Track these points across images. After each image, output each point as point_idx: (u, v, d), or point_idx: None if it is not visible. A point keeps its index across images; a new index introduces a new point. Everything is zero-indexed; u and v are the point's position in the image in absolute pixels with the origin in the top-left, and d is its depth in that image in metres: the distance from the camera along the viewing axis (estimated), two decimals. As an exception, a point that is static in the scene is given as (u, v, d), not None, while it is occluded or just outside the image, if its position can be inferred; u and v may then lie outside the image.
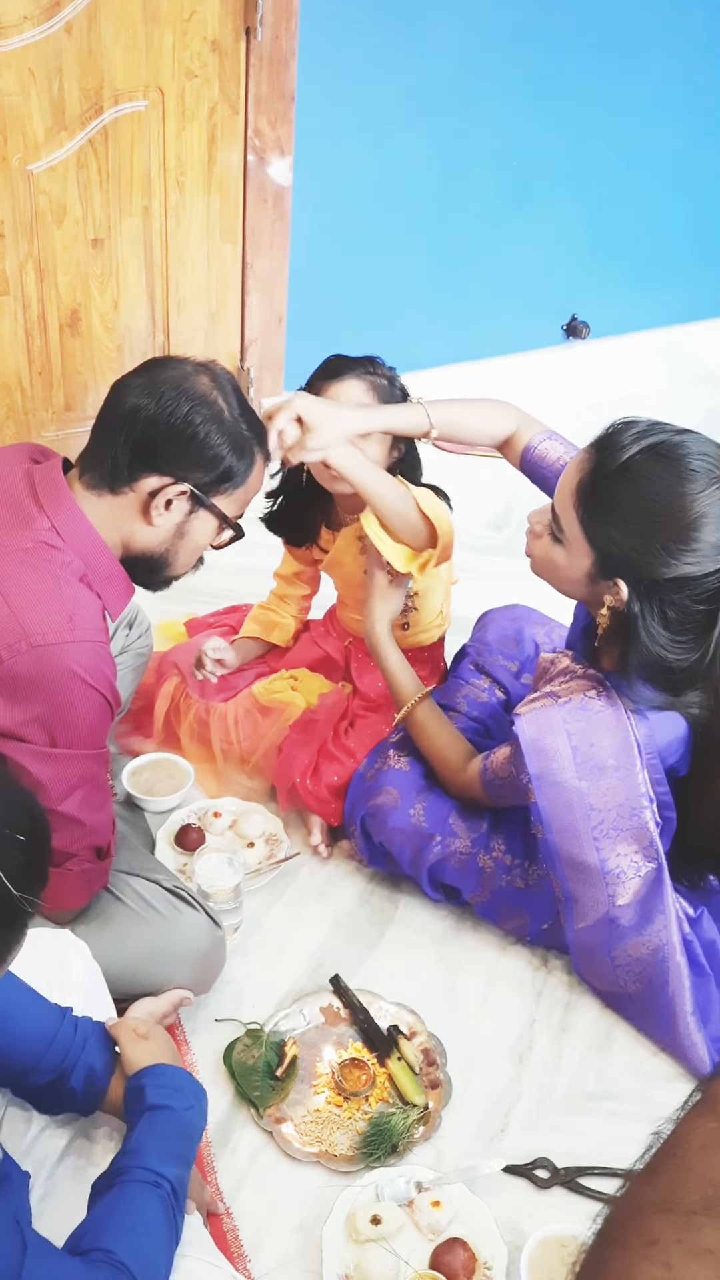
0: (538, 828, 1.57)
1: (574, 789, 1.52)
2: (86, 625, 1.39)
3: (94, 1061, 1.24)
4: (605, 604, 1.44)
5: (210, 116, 2.51)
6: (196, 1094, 1.25)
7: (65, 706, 1.37)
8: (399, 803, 1.74)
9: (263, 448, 1.52)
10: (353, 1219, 1.38)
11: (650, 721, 1.52)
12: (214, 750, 1.98)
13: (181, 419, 1.41)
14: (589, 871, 1.56)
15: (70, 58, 2.29)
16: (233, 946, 1.72)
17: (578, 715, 1.51)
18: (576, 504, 1.43)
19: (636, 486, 1.38)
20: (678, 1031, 1.59)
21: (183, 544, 1.49)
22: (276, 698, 1.99)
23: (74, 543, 1.43)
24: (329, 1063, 1.58)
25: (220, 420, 1.43)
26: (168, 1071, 1.24)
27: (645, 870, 1.55)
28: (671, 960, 1.57)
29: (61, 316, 2.54)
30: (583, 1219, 1.43)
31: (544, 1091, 1.59)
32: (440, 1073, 1.58)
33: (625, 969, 1.61)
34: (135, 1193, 1.10)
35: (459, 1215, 1.40)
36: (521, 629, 2.04)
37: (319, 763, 1.90)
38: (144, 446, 1.42)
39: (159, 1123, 1.18)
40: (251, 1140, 1.50)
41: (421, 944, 1.78)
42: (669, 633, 1.41)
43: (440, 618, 2.03)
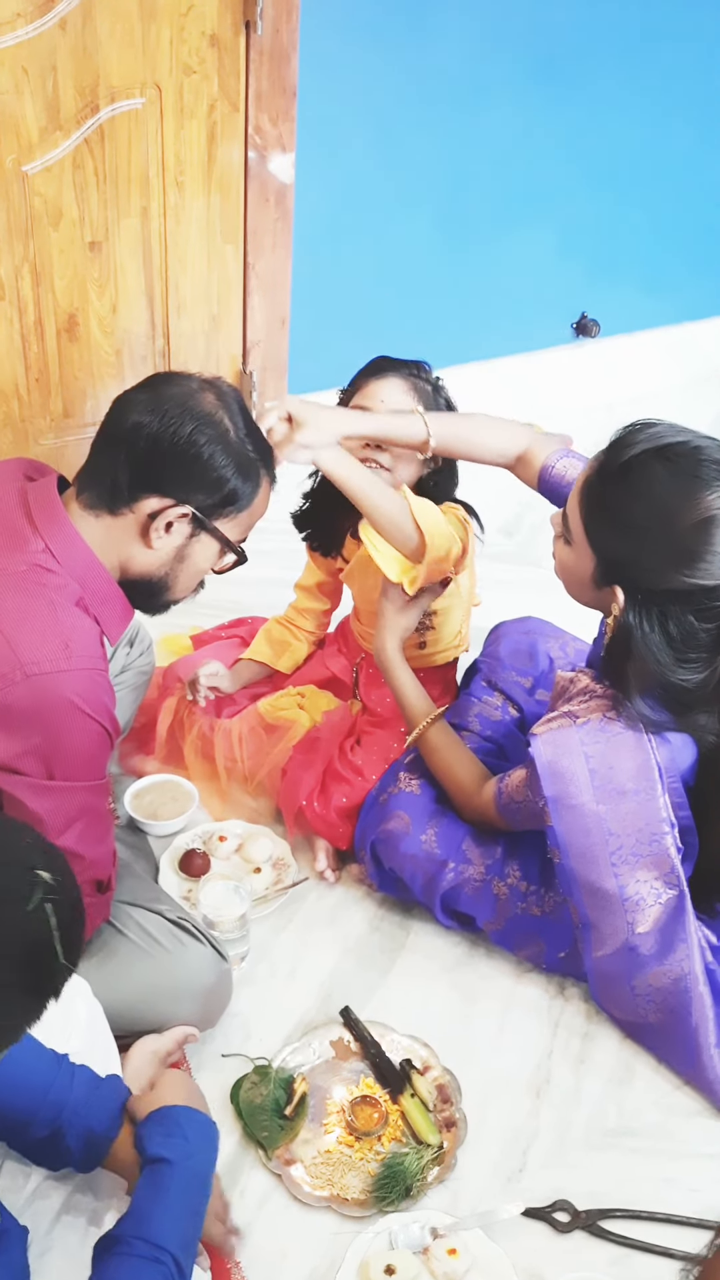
0: (554, 852, 1.51)
1: (591, 813, 1.47)
2: (83, 652, 1.33)
3: (92, 1122, 1.18)
4: (613, 613, 1.39)
5: (209, 114, 2.44)
6: (202, 1134, 1.19)
7: (62, 737, 1.32)
8: (410, 828, 1.68)
9: (269, 470, 1.46)
10: (366, 1268, 1.33)
11: (672, 744, 1.46)
12: (218, 768, 1.93)
13: (185, 438, 1.35)
14: (607, 898, 1.50)
15: (64, 55, 2.23)
16: (239, 976, 1.66)
17: (596, 737, 1.45)
18: (581, 503, 1.39)
19: (639, 488, 1.33)
20: (701, 1064, 1.53)
21: (183, 568, 1.43)
22: (282, 715, 1.94)
23: (70, 565, 1.37)
24: (340, 1101, 1.53)
25: (225, 441, 1.38)
26: (170, 1116, 1.18)
27: (666, 897, 1.50)
28: (694, 990, 1.51)
29: (59, 321, 2.48)
30: (605, 1265, 1.38)
31: (563, 1128, 1.53)
32: (455, 1110, 1.52)
33: (646, 998, 1.55)
34: (136, 1272, 1.04)
35: (476, 1263, 1.35)
36: (535, 643, 1.98)
37: (326, 783, 1.85)
38: (145, 466, 1.36)
39: (161, 1179, 1.12)
40: (260, 1183, 1.44)
41: (434, 972, 1.72)
42: (671, 650, 1.36)
43: (459, 638, 1.97)
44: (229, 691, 2.01)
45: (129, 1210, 1.11)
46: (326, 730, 1.92)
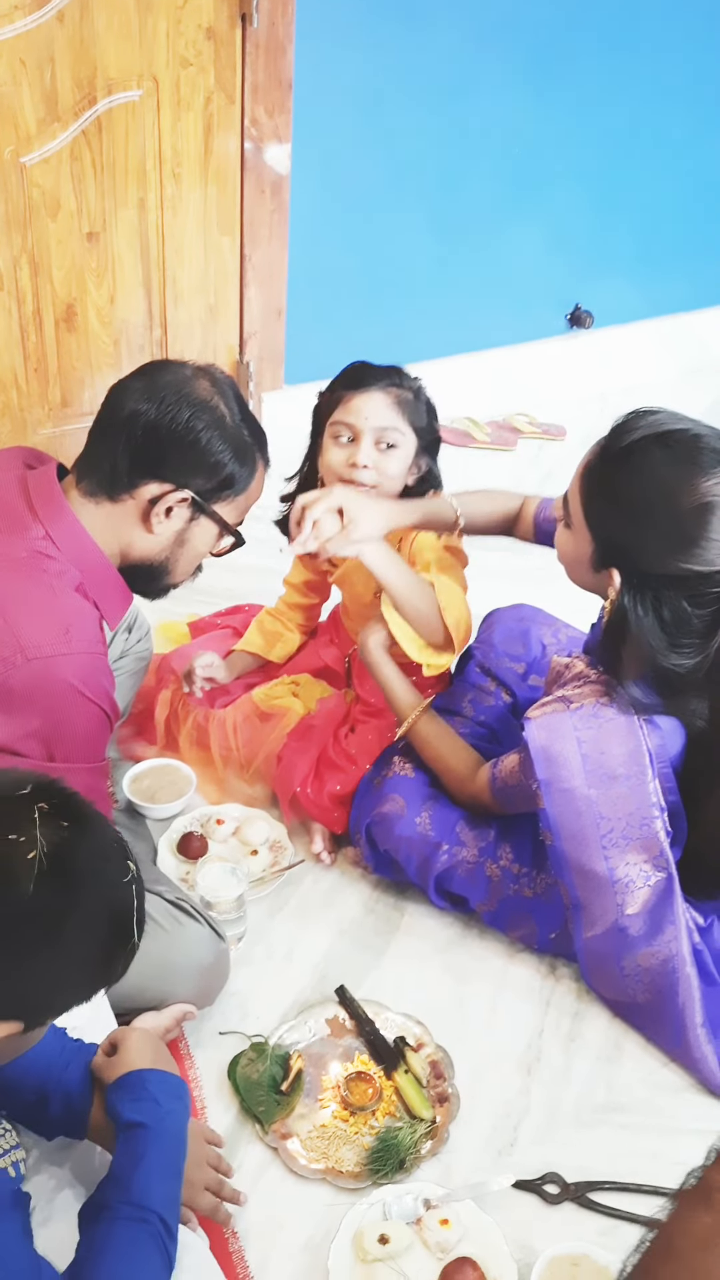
0: (546, 835, 1.54)
1: (583, 796, 1.49)
2: (83, 636, 1.36)
3: (70, 1086, 1.21)
4: (609, 597, 1.42)
5: (206, 105, 2.46)
6: (171, 1094, 1.20)
7: (62, 720, 1.35)
8: (405, 811, 1.71)
9: (264, 454, 1.49)
10: (360, 1238, 1.36)
11: (662, 730, 1.49)
12: (213, 757, 1.95)
13: (183, 424, 1.38)
14: (597, 880, 1.53)
15: (62, 47, 2.24)
16: (236, 956, 1.69)
17: (589, 722, 1.48)
18: (581, 487, 1.41)
19: (637, 473, 1.35)
20: (688, 1043, 1.57)
21: (183, 552, 1.47)
22: (276, 703, 1.96)
23: (70, 551, 1.40)
24: (335, 1076, 1.56)
25: (222, 426, 1.41)
26: (138, 1080, 1.20)
27: (655, 880, 1.53)
28: (681, 971, 1.54)
29: (57, 311, 2.50)
30: (594, 1235, 1.41)
31: (553, 1104, 1.56)
32: (448, 1086, 1.55)
33: (634, 979, 1.58)
34: (124, 1234, 1.07)
35: (468, 1233, 1.38)
36: (528, 629, 2.00)
37: (320, 770, 1.87)
38: (144, 453, 1.39)
39: (138, 1143, 1.14)
40: (257, 1157, 1.47)
41: (428, 952, 1.75)
42: (664, 634, 1.38)
43: None
44: (225, 682, 2.03)
45: (110, 1176, 1.13)
46: (321, 718, 1.95)
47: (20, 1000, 0.98)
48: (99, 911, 0.99)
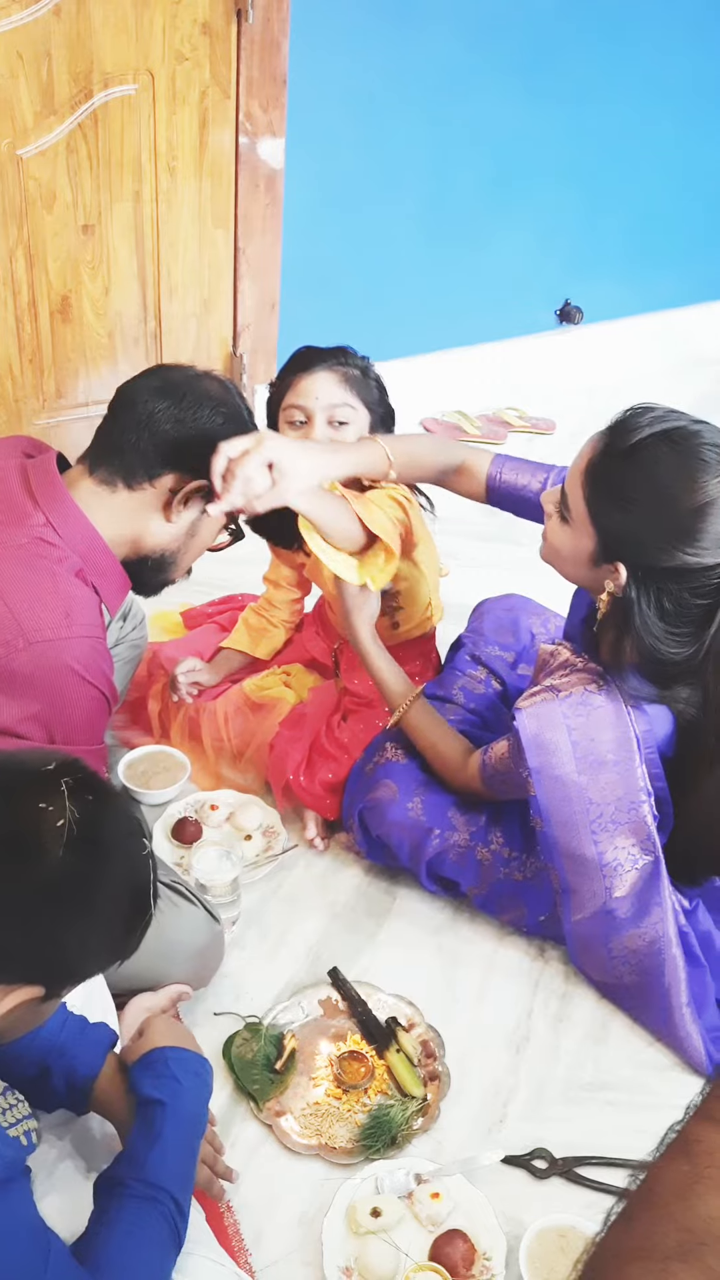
0: (537, 820, 1.57)
1: (573, 783, 1.52)
2: (83, 621, 1.38)
3: (76, 1064, 1.23)
4: (605, 589, 1.44)
5: (201, 100, 2.48)
6: (191, 1072, 1.23)
7: (63, 703, 1.37)
8: (398, 796, 1.74)
9: None
10: (353, 1211, 1.39)
11: (649, 716, 1.52)
12: (206, 748, 1.98)
13: (204, 419, 1.45)
14: (587, 864, 1.56)
15: (59, 41, 2.26)
16: (231, 940, 1.72)
17: (578, 710, 1.51)
18: (584, 483, 1.43)
19: (644, 469, 1.38)
20: (673, 1023, 1.60)
21: (192, 543, 1.53)
22: (267, 694, 1.99)
23: (70, 538, 1.42)
24: (328, 1055, 1.58)
25: (239, 419, 1.48)
26: (159, 1058, 1.23)
27: (642, 863, 1.56)
28: (667, 952, 1.57)
29: (52, 303, 2.51)
30: (581, 1208, 1.44)
31: (541, 1082, 1.59)
32: (439, 1064, 1.58)
33: (622, 960, 1.61)
34: (134, 1211, 1.09)
35: (458, 1206, 1.41)
36: (517, 619, 2.03)
37: (313, 759, 1.90)
38: (169, 445, 1.45)
39: (154, 1120, 1.17)
40: (251, 1134, 1.50)
41: (419, 936, 1.78)
42: (664, 624, 1.41)
43: (429, 609, 2.02)
44: (210, 684, 2.05)
45: (126, 1152, 1.16)
46: (313, 706, 1.97)
47: (46, 964, 1.02)
48: (123, 880, 1.04)
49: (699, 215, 3.41)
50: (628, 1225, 0.62)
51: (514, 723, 1.53)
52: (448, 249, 3.05)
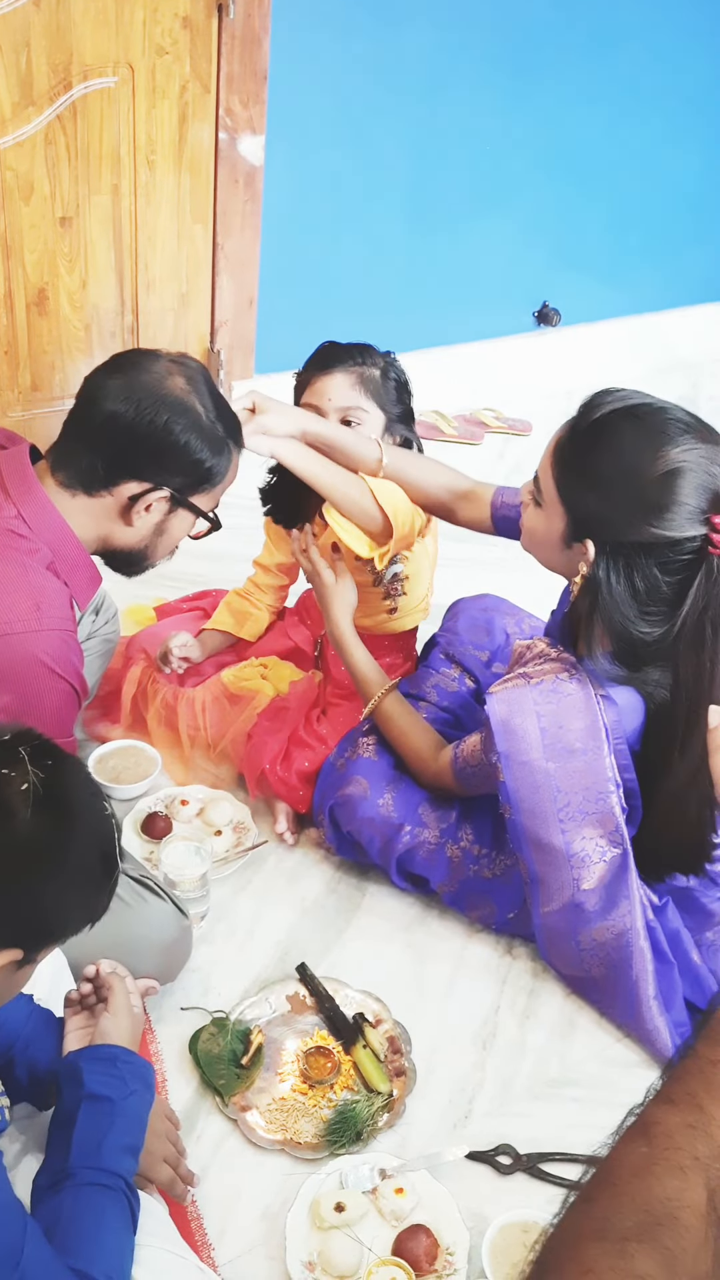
0: (506, 808, 1.57)
1: (541, 770, 1.52)
2: (54, 614, 1.38)
3: (38, 1054, 1.23)
4: (579, 572, 1.45)
5: (181, 94, 2.48)
6: (139, 1076, 1.22)
7: (32, 695, 1.37)
8: (368, 793, 1.74)
9: (237, 441, 1.53)
10: (317, 1206, 1.39)
11: (619, 706, 1.53)
12: (181, 736, 1.97)
13: (161, 427, 1.42)
14: (554, 854, 1.56)
15: (38, 32, 2.25)
16: (199, 934, 1.71)
17: (549, 697, 1.51)
18: (553, 464, 1.45)
19: (608, 444, 1.39)
20: (641, 1016, 1.61)
21: (161, 540, 1.53)
22: (246, 685, 1.99)
23: (41, 531, 1.41)
24: (294, 1051, 1.59)
25: (199, 426, 1.45)
26: (111, 1055, 1.22)
27: (610, 855, 1.56)
28: (635, 945, 1.58)
29: (29, 295, 2.50)
30: (544, 1204, 1.44)
31: (507, 1078, 1.60)
32: (405, 1060, 1.59)
33: (590, 953, 1.62)
34: (96, 1198, 1.09)
35: (422, 1202, 1.41)
36: (492, 619, 2.04)
37: (290, 750, 1.90)
38: (123, 454, 1.43)
39: (104, 1115, 1.16)
40: (216, 1128, 1.50)
41: (388, 932, 1.79)
42: (635, 603, 1.42)
43: (425, 602, 2.04)
44: (198, 660, 2.05)
45: (73, 1145, 1.14)
46: (294, 699, 1.97)
47: (24, 926, 1.03)
48: (91, 839, 1.06)
49: (678, 219, 3.43)
50: (586, 1206, 0.63)
51: (485, 707, 1.54)
52: (427, 249, 3.06)
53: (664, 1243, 0.59)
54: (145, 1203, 1.22)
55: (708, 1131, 0.63)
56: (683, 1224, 0.60)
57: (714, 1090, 0.64)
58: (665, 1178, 0.61)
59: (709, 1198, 0.61)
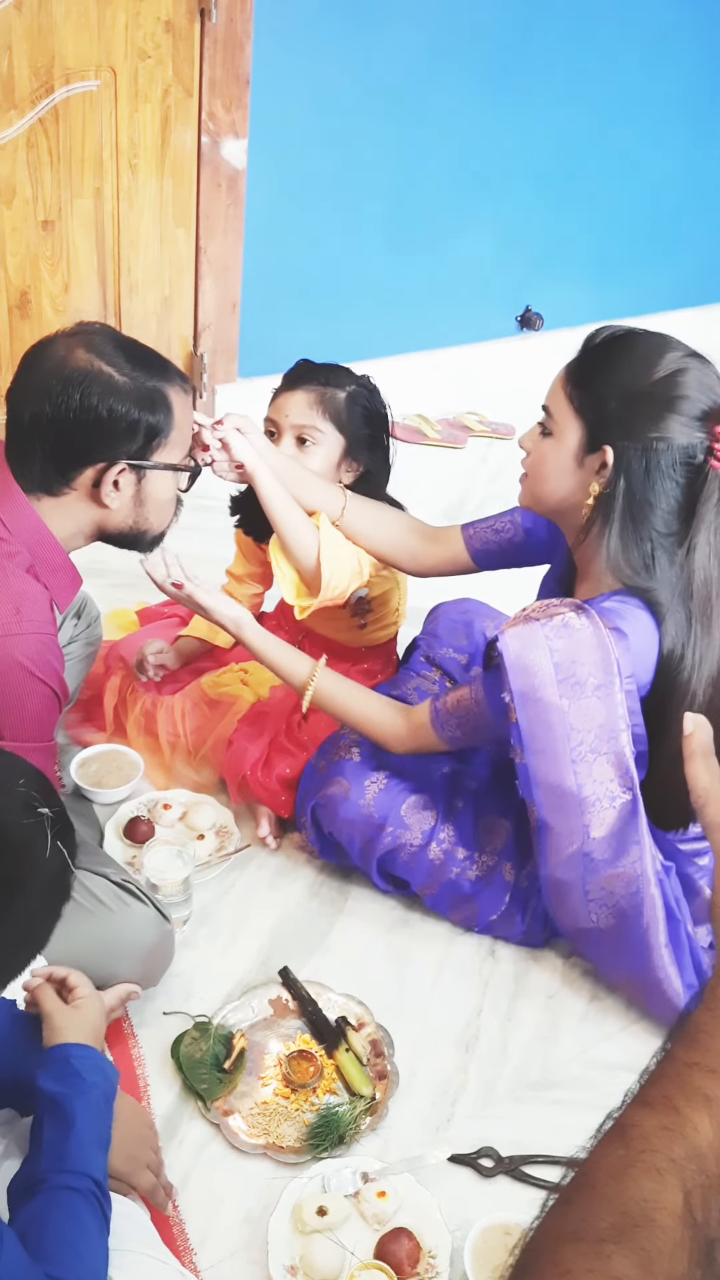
0: (517, 751, 1.55)
1: (555, 707, 1.51)
2: (34, 617, 1.37)
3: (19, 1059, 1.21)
4: (591, 494, 1.49)
5: (164, 98, 2.48)
6: (94, 1069, 1.21)
7: (12, 699, 1.36)
8: (349, 793, 1.74)
9: (172, 380, 1.46)
10: (299, 1210, 1.39)
11: (629, 641, 1.52)
12: (161, 743, 1.97)
13: (79, 407, 1.37)
14: (566, 797, 1.55)
15: (20, 35, 2.25)
16: (181, 939, 1.71)
17: (560, 632, 1.50)
18: (565, 384, 1.52)
19: (618, 355, 1.49)
20: (652, 964, 1.59)
21: (149, 508, 1.49)
22: (225, 691, 1.99)
23: (20, 533, 1.41)
24: (277, 1055, 1.58)
25: (115, 388, 1.39)
26: (62, 1054, 1.20)
27: (620, 801, 1.55)
28: (646, 891, 1.57)
29: (10, 298, 2.50)
30: (526, 1206, 1.44)
31: (490, 1081, 1.60)
32: (388, 1063, 1.59)
33: (599, 903, 1.60)
34: (66, 1204, 1.08)
35: (404, 1205, 1.41)
36: (471, 621, 2.05)
37: (270, 755, 1.90)
38: (61, 450, 1.40)
39: (65, 1113, 1.15)
40: (198, 1133, 1.50)
41: (371, 935, 1.79)
42: (651, 513, 1.47)
43: (396, 614, 2.04)
44: (174, 668, 2.06)
45: (39, 1149, 1.13)
46: (274, 704, 1.97)
47: None
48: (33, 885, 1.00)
49: (659, 223, 3.45)
50: (564, 1208, 0.63)
51: (496, 645, 1.53)
52: (410, 253, 3.06)
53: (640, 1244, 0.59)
54: (127, 1208, 1.22)
55: (683, 1134, 0.63)
56: (659, 1225, 0.60)
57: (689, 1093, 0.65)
58: (642, 1180, 0.62)
59: (685, 1199, 0.61)
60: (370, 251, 3.00)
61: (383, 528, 1.84)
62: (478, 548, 1.84)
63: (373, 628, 2.02)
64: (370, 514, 1.83)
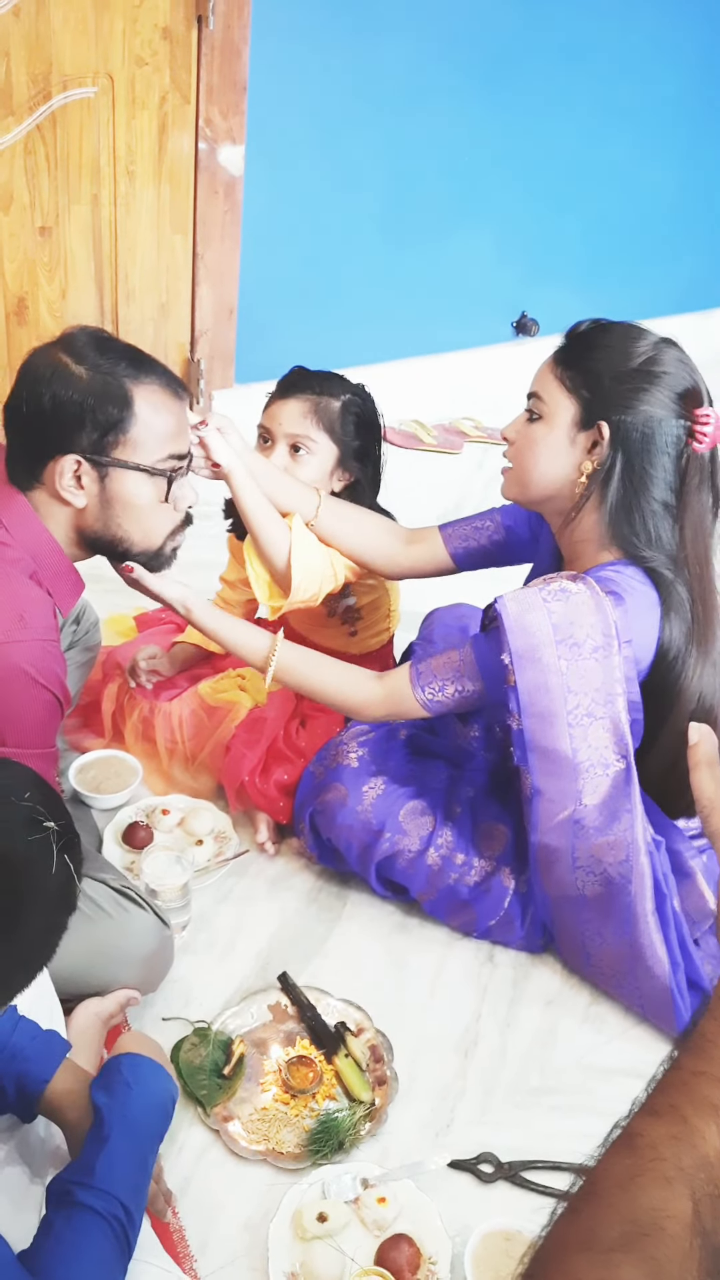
0: (513, 716, 1.55)
1: (554, 668, 1.52)
2: (37, 624, 1.38)
3: (27, 1067, 1.22)
4: (582, 472, 1.54)
5: (161, 105, 2.49)
6: (142, 1076, 1.21)
7: (14, 705, 1.36)
8: (347, 799, 1.74)
9: (143, 377, 1.41)
10: (299, 1216, 1.39)
11: (626, 605, 1.53)
12: (159, 750, 1.97)
13: (38, 401, 1.37)
14: (560, 761, 1.55)
15: (17, 41, 2.25)
16: (180, 944, 1.71)
17: (558, 595, 1.52)
18: (554, 367, 1.56)
19: (603, 337, 1.55)
20: (637, 931, 1.60)
21: (121, 513, 1.44)
22: (223, 697, 1.99)
23: (23, 539, 1.41)
24: (276, 1061, 1.59)
25: (69, 380, 1.37)
26: (113, 1064, 1.22)
27: (614, 770, 1.55)
28: (636, 860, 1.57)
29: (7, 304, 2.50)
30: (526, 1212, 1.45)
31: (489, 1086, 1.61)
32: (387, 1069, 1.59)
33: (587, 869, 1.61)
34: (80, 1223, 1.07)
35: (404, 1211, 1.42)
36: (467, 626, 2.06)
37: (268, 762, 1.90)
38: (27, 443, 1.41)
39: (103, 1125, 1.16)
40: (198, 1139, 1.50)
41: (369, 940, 1.79)
42: (648, 485, 1.52)
43: (388, 621, 2.04)
44: (168, 674, 2.06)
45: (79, 1158, 1.15)
46: (272, 710, 1.97)
47: None
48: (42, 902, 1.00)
49: (654, 230, 3.46)
50: (573, 1217, 0.63)
51: (494, 607, 1.54)
52: (406, 259, 3.07)
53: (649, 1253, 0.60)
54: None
55: (691, 1143, 0.64)
56: (668, 1234, 0.60)
57: (697, 1102, 0.65)
58: (650, 1189, 0.62)
59: (693, 1208, 0.61)
60: (366, 258, 3.01)
61: (358, 529, 1.84)
62: (457, 547, 1.85)
63: (364, 635, 2.03)
64: (346, 515, 1.83)
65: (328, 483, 1.86)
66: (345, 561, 1.84)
